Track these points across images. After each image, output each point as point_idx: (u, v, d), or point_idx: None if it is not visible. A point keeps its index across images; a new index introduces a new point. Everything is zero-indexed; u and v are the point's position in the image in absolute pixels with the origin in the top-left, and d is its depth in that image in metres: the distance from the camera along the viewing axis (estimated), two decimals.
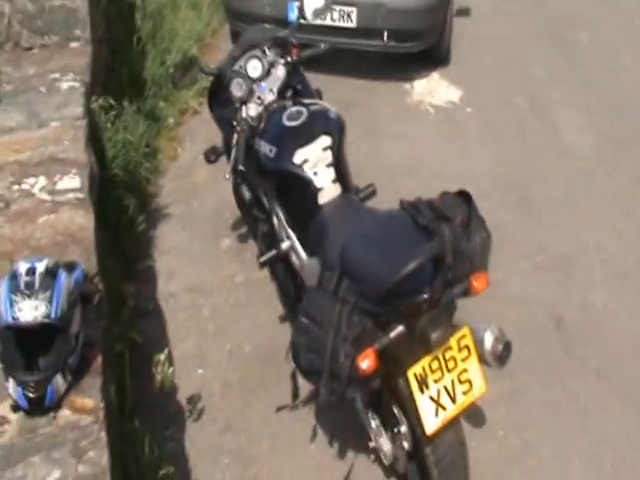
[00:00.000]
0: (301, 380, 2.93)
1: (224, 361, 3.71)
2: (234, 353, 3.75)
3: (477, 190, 2.95)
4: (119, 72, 5.12)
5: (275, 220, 3.35)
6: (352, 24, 5.54)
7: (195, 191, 4.78)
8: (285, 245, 3.25)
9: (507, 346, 2.72)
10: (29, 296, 2.37)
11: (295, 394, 3.18)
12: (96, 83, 4.40)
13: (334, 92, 4.36)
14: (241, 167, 3.52)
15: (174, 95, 5.45)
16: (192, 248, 4.36)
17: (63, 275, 2.50)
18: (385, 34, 5.58)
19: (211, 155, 3.71)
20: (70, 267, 2.64)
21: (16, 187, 3.35)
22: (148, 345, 3.62)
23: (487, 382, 2.73)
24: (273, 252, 3.27)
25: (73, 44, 4.51)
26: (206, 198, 4.70)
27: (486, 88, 5.85)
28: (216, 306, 4.00)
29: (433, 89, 5.85)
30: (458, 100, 5.71)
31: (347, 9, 5.50)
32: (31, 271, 2.44)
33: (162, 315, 3.91)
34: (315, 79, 3.76)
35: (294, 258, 3.24)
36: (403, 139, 5.27)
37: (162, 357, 3.44)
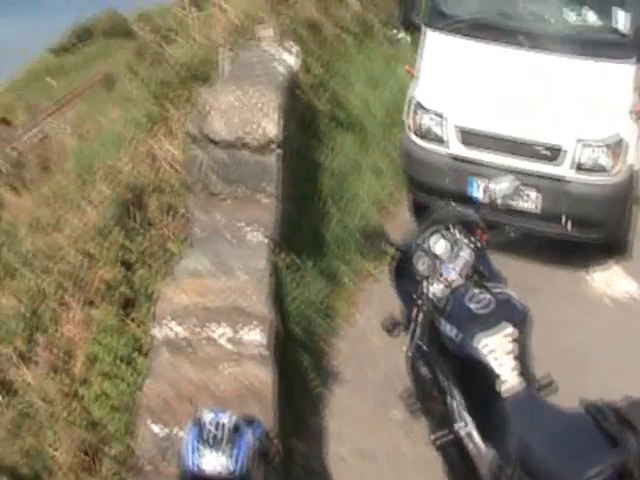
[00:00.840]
0: None
1: None
2: None
3: None
4: (301, 229, 5.26)
5: (451, 401, 3.39)
6: (535, 208, 5.53)
7: (369, 357, 4.87)
8: (461, 429, 3.27)
9: None
10: (215, 448, 2.50)
11: None
12: (281, 238, 4.51)
13: (512, 275, 4.36)
14: (421, 343, 3.62)
15: (353, 258, 5.58)
16: (362, 413, 4.42)
17: (248, 432, 2.62)
18: (568, 221, 5.52)
19: (390, 326, 3.81)
20: (250, 422, 2.75)
21: (200, 331, 3.46)
22: None
23: None
24: (448, 434, 3.29)
25: (262, 198, 4.55)
26: (379, 365, 4.77)
27: None
28: (383, 476, 4.01)
29: (613, 281, 5.74)
30: (639, 296, 5.60)
31: (531, 193, 5.50)
32: (217, 423, 2.57)
33: (329, 477, 3.97)
34: (493, 259, 3.82)
35: (468, 443, 3.25)
36: (580, 330, 5.19)
37: None
